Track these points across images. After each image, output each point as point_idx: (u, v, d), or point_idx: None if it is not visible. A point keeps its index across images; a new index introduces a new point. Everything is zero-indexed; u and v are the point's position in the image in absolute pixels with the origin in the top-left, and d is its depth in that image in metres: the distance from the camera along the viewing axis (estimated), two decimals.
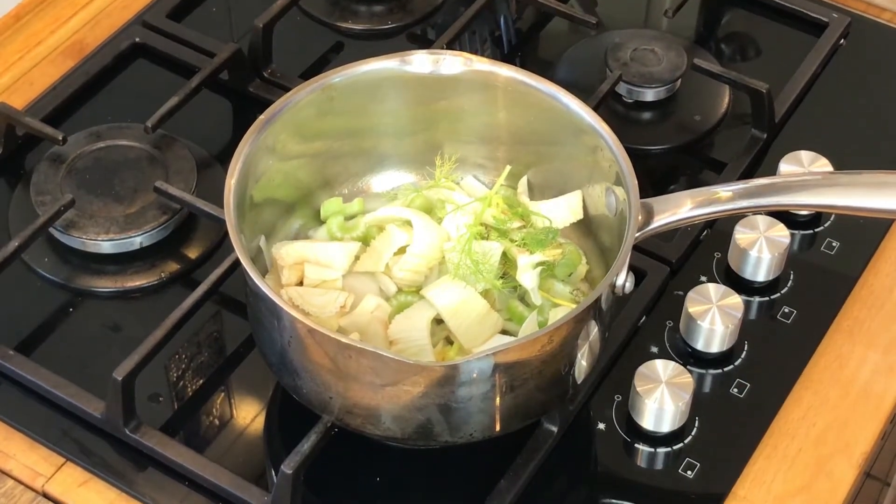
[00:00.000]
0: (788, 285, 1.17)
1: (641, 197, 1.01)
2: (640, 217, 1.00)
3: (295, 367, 0.99)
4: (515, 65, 1.09)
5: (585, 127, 1.05)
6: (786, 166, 1.20)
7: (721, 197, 1.02)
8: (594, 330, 0.99)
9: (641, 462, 1.06)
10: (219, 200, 1.16)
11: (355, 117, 1.10)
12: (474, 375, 0.94)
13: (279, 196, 1.09)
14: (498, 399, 0.97)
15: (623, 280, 0.99)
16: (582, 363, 1.00)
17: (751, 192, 1.02)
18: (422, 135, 1.13)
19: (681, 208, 1.02)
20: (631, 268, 1.00)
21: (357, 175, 1.14)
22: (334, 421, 0.99)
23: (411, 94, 1.10)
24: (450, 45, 1.28)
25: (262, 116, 1.04)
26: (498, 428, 0.99)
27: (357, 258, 1.07)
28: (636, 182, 1.00)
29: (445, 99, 1.10)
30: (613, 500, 1.05)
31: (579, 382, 1.02)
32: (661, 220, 1.02)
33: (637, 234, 1.00)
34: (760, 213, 1.15)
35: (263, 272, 1.07)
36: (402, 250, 1.07)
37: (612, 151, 1.03)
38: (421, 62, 1.08)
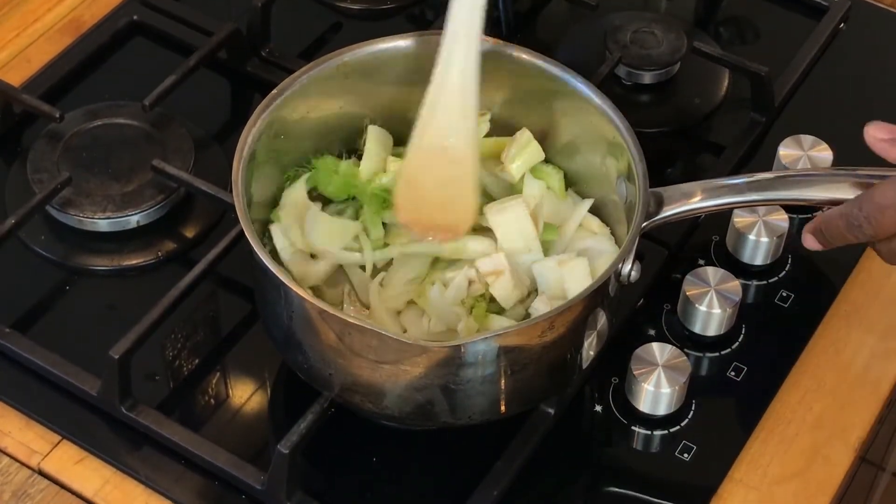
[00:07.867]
0: (786, 269, 1.16)
1: None
2: (649, 206, 0.99)
3: (298, 342, 0.99)
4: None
5: (602, 115, 1.05)
6: (785, 150, 1.19)
7: (732, 188, 1.02)
8: (601, 317, 0.99)
9: (638, 445, 1.06)
10: (216, 179, 1.16)
11: (367, 95, 1.09)
12: (479, 358, 0.94)
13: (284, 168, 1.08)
14: (502, 382, 0.97)
15: (629, 269, 0.98)
16: (588, 350, 1.00)
17: (762, 185, 1.01)
18: None
19: (691, 199, 1.02)
20: None
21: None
22: (334, 398, 0.99)
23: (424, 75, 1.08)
24: None
25: (274, 91, 1.04)
26: (504, 410, 0.99)
27: None
28: (646, 171, 1.00)
29: None
30: (610, 483, 1.05)
31: (584, 367, 1.02)
32: (671, 210, 1.01)
33: (645, 224, 1.00)
34: (772, 206, 1.14)
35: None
36: None
37: (625, 141, 1.02)
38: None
